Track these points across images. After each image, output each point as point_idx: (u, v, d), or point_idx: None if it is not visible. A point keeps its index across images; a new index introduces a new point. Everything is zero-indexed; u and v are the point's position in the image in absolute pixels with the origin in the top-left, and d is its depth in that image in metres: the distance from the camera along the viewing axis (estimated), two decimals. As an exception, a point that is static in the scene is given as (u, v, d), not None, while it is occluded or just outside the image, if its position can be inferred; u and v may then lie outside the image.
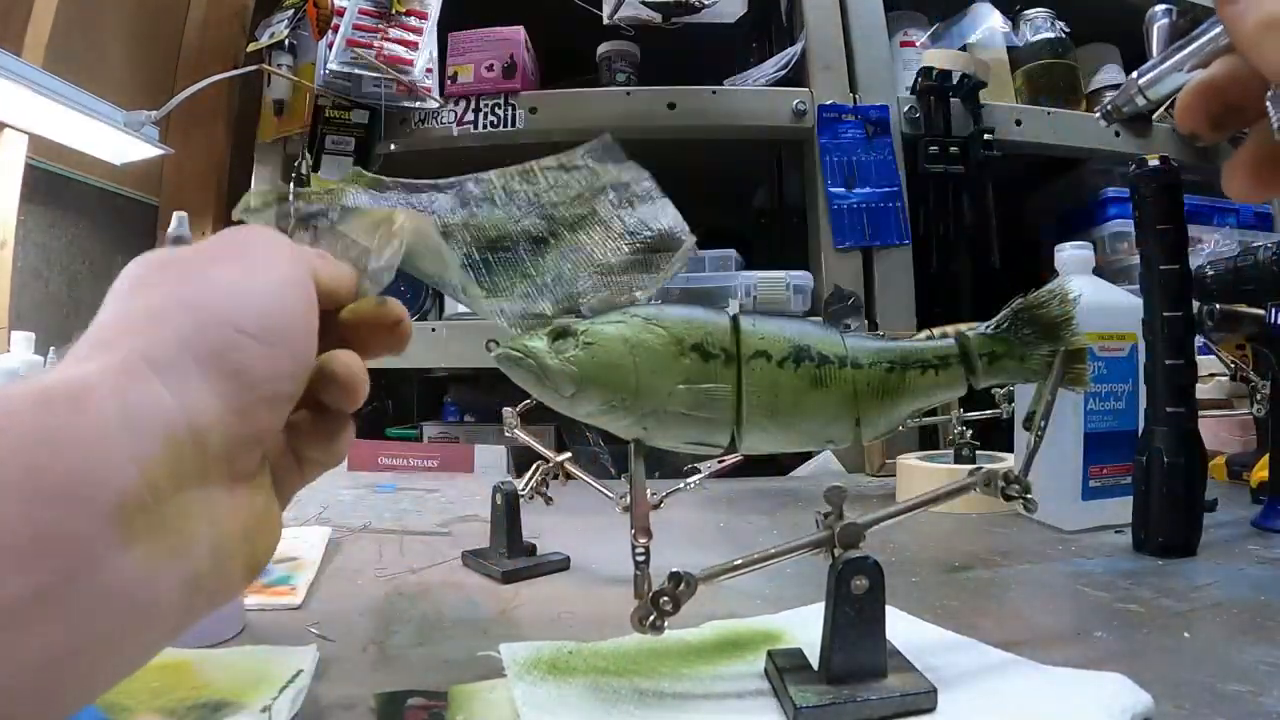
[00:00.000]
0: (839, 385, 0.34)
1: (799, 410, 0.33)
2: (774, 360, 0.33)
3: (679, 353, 0.32)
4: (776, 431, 0.34)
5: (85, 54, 1.04)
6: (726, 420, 0.33)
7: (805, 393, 0.33)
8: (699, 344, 0.32)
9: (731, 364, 0.33)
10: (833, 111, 1.06)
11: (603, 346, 0.32)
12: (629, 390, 0.32)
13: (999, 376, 0.37)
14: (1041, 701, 0.29)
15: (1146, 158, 0.54)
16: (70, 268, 1.07)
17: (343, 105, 1.05)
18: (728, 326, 0.33)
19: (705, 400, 0.32)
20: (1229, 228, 1.18)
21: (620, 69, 1.13)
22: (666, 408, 0.32)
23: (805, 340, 0.34)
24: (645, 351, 0.32)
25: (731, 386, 0.33)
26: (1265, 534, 0.56)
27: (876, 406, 0.34)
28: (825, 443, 0.36)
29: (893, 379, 0.34)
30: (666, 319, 0.33)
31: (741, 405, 0.33)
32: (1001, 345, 0.36)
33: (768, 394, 0.33)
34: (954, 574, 0.49)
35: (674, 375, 0.32)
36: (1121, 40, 1.30)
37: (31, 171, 0.97)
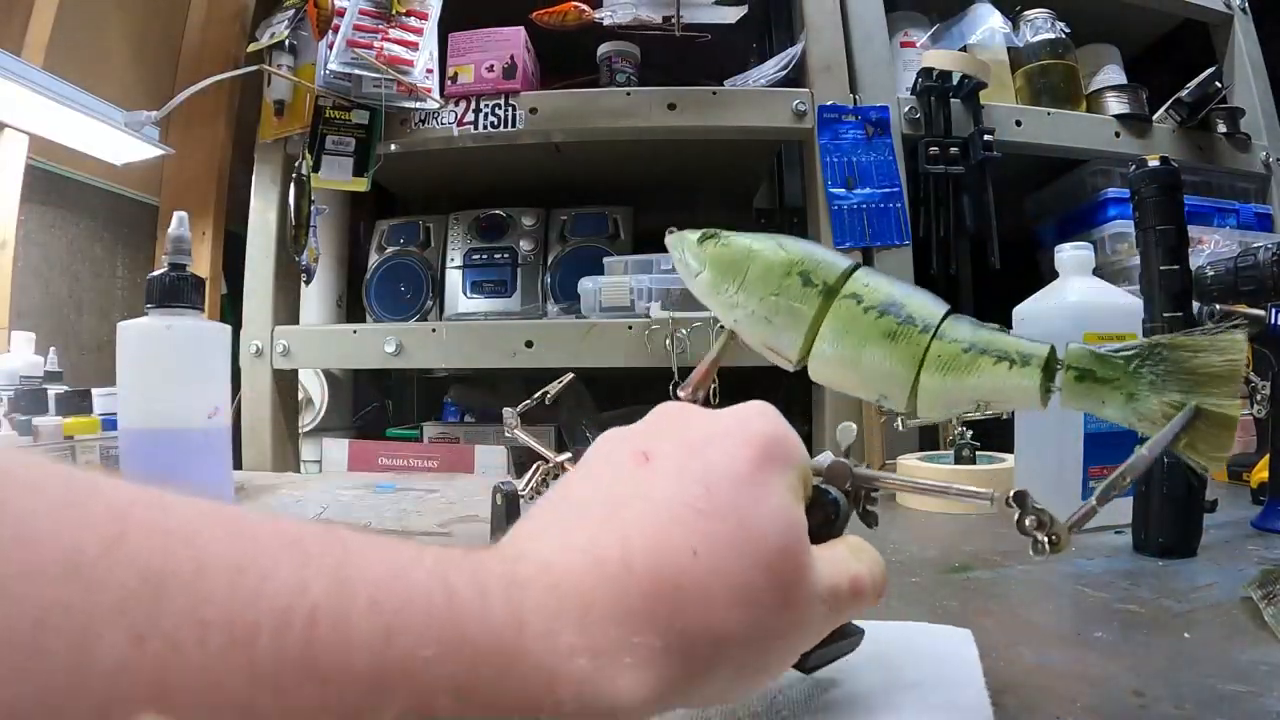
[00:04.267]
0: (909, 345, 0.34)
1: (862, 352, 0.35)
2: (862, 305, 0.35)
3: (786, 272, 0.37)
4: (837, 364, 0.36)
5: (85, 54, 1.04)
6: (798, 336, 0.37)
7: (874, 339, 0.35)
8: (806, 272, 0.37)
9: (826, 297, 0.36)
10: (833, 112, 1.06)
11: (730, 248, 0.39)
12: (735, 285, 0.38)
13: (1085, 402, 0.32)
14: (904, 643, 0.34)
15: (1146, 158, 0.54)
16: (70, 268, 1.07)
17: (343, 105, 1.05)
18: (840, 270, 0.37)
19: (786, 313, 0.37)
20: (1229, 228, 1.18)
21: (620, 69, 1.13)
22: (756, 309, 0.37)
23: (902, 300, 0.35)
24: (760, 261, 0.38)
25: (814, 312, 0.36)
26: (1265, 535, 0.56)
27: (939, 380, 0.34)
28: (879, 396, 0.36)
29: (964, 359, 0.33)
30: (795, 247, 0.38)
31: (817, 330, 0.36)
32: (1105, 368, 0.32)
33: (841, 328, 0.35)
34: (954, 574, 0.49)
35: (772, 286, 0.37)
36: (1121, 40, 1.30)
37: (31, 171, 0.97)
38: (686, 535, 0.21)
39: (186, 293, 0.59)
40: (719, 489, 0.22)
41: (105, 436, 0.75)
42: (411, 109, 1.07)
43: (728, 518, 0.21)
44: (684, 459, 0.23)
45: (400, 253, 1.23)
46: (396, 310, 1.20)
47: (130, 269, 1.17)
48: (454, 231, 1.24)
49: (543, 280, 1.19)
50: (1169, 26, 1.38)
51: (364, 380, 1.46)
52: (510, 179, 1.30)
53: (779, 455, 0.24)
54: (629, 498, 0.22)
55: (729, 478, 0.22)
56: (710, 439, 0.24)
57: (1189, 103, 1.18)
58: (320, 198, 1.08)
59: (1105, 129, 1.17)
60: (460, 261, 1.21)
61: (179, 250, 0.60)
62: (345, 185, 1.07)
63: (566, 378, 0.58)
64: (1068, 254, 0.65)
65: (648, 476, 0.23)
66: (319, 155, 1.05)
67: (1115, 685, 0.31)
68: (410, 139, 1.08)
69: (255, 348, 1.08)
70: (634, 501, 0.22)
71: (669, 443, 0.24)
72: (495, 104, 1.07)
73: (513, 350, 1.01)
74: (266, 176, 1.11)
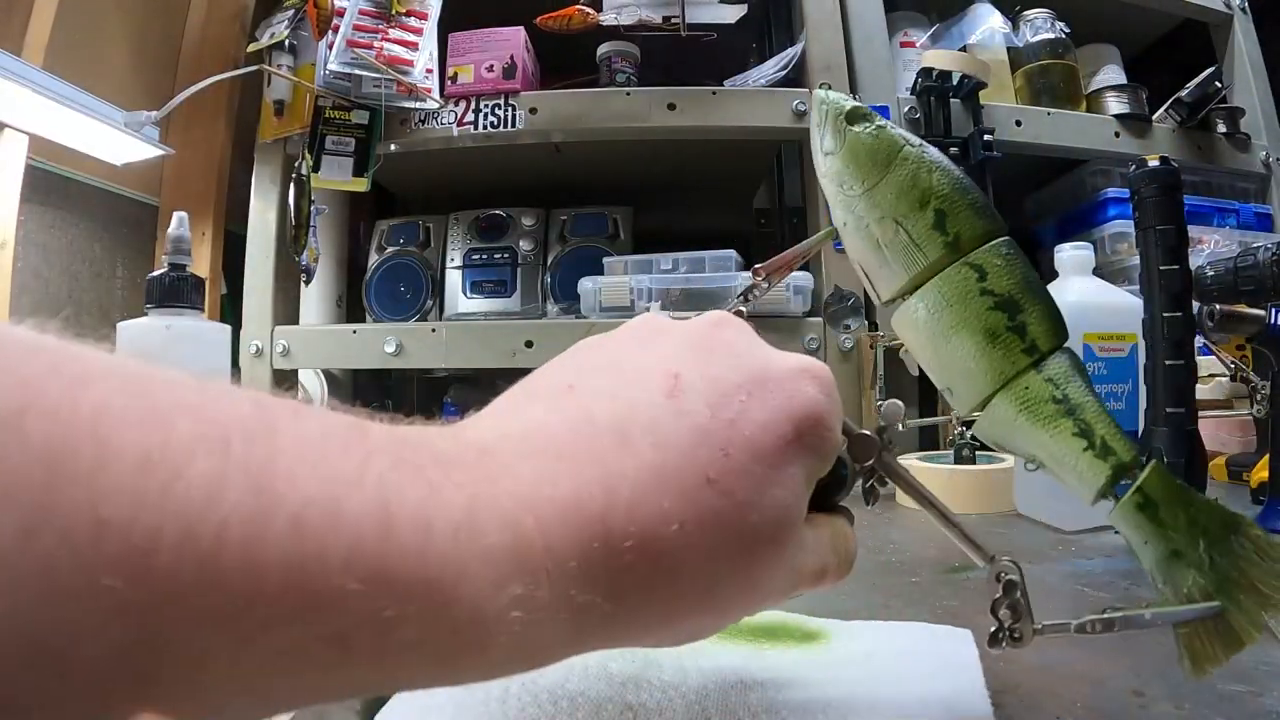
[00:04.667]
0: (1005, 358, 0.30)
1: (951, 335, 0.31)
2: (983, 284, 0.30)
3: (922, 200, 0.31)
4: (922, 331, 0.32)
5: (85, 54, 1.04)
6: (899, 278, 0.32)
7: (973, 329, 0.30)
8: (944, 211, 0.31)
9: (950, 250, 0.31)
10: (833, 112, 1.06)
11: (880, 141, 0.32)
12: (861, 186, 0.32)
13: (1132, 530, 0.28)
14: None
15: (1146, 158, 0.54)
16: (70, 268, 1.07)
17: (343, 105, 1.05)
18: (984, 229, 0.31)
19: (900, 248, 0.31)
20: (1229, 228, 1.18)
21: (620, 69, 1.13)
22: (871, 225, 0.32)
23: (1027, 303, 0.31)
24: (903, 173, 0.31)
25: (930, 261, 0.31)
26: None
27: (1012, 413, 0.30)
28: (945, 386, 0.32)
29: (1047, 410, 0.30)
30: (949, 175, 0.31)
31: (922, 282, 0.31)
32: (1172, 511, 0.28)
33: (946, 297, 0.31)
34: (954, 574, 0.49)
35: (901, 208, 0.31)
36: (1121, 40, 1.30)
37: (31, 171, 0.97)
38: (680, 505, 0.19)
39: (186, 293, 0.59)
40: (736, 461, 0.20)
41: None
42: (411, 109, 1.07)
43: (731, 495, 0.20)
44: (716, 404, 0.21)
45: (400, 253, 1.23)
46: (396, 310, 1.20)
47: (130, 269, 1.17)
48: (454, 231, 1.24)
49: (543, 280, 1.19)
50: (1169, 26, 1.38)
51: (364, 380, 1.46)
52: (510, 179, 1.30)
53: (814, 442, 0.22)
54: (640, 430, 0.20)
55: (752, 450, 0.20)
56: (753, 390, 0.21)
57: (1189, 103, 1.18)
58: (320, 198, 1.08)
59: (1105, 129, 1.17)
60: (460, 261, 1.21)
61: (179, 250, 0.60)
62: (345, 185, 1.07)
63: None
64: (1068, 254, 0.65)
65: (670, 410, 0.20)
66: (319, 155, 1.05)
67: (1115, 685, 0.31)
68: (410, 139, 1.08)
69: (255, 348, 1.08)
70: (643, 439, 0.19)
71: (708, 373, 0.21)
72: (495, 104, 1.07)
73: (513, 350, 1.01)
74: (266, 176, 1.11)
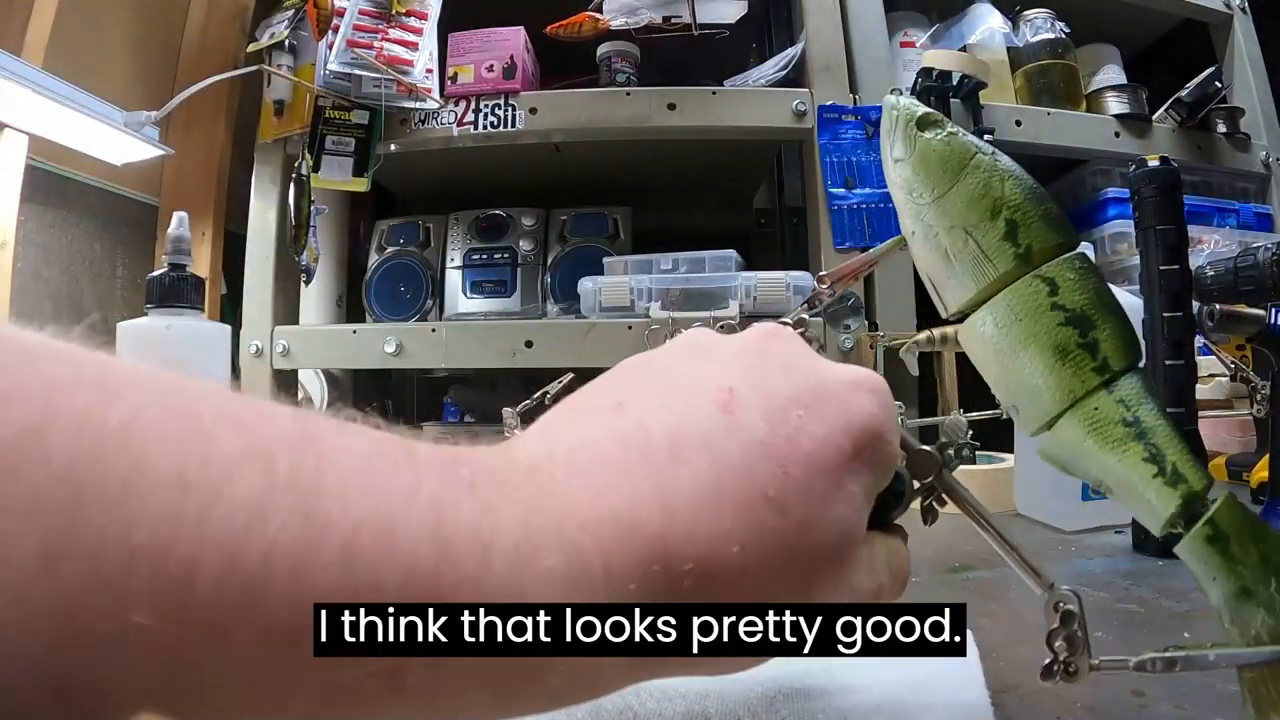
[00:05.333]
0: (1075, 376, 0.29)
1: (1020, 351, 0.29)
2: (1054, 298, 0.29)
3: (994, 210, 0.30)
4: (989, 346, 0.30)
5: (85, 54, 1.04)
6: (968, 290, 0.31)
7: (1042, 345, 0.29)
8: (1016, 222, 0.30)
9: (1021, 262, 0.29)
10: (833, 112, 1.06)
11: (951, 149, 0.31)
12: (931, 194, 0.31)
13: (1199, 563, 0.26)
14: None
15: (1146, 158, 0.54)
16: (70, 268, 1.07)
17: (343, 105, 1.05)
18: (1057, 241, 0.30)
19: (970, 258, 0.30)
20: (1229, 228, 1.18)
21: (620, 69, 1.13)
22: (941, 235, 0.31)
23: (1100, 319, 0.29)
24: (974, 182, 0.30)
25: (1000, 274, 0.30)
26: (1265, 534, 0.56)
27: (1079, 434, 0.29)
28: (1011, 404, 0.31)
29: (1116, 432, 0.28)
30: (1022, 184, 0.30)
31: (991, 295, 0.30)
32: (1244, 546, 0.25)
33: (1015, 311, 0.29)
34: (954, 574, 0.49)
35: (971, 218, 0.30)
36: (1121, 40, 1.30)
37: (31, 171, 0.97)
38: (740, 524, 0.18)
39: (186, 293, 0.60)
40: (795, 477, 0.19)
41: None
42: (411, 109, 1.07)
43: (790, 514, 0.19)
44: (773, 419, 0.20)
45: (400, 253, 1.23)
46: (396, 310, 1.20)
47: (130, 269, 1.17)
48: (454, 231, 1.24)
49: (543, 280, 1.19)
50: (1169, 26, 1.38)
51: (364, 380, 1.46)
52: (510, 179, 1.30)
53: (872, 455, 0.21)
54: (694, 448, 0.19)
55: (812, 466, 0.19)
56: (810, 404, 0.21)
57: (1189, 103, 1.18)
58: (320, 198, 1.08)
59: (1105, 129, 1.17)
60: (460, 261, 1.21)
61: (179, 250, 0.60)
62: (345, 185, 1.07)
63: (566, 378, 0.58)
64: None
65: (725, 425, 0.20)
66: (319, 155, 1.05)
67: (1115, 685, 0.31)
68: (410, 139, 1.08)
69: (255, 348, 1.08)
70: (698, 455, 0.19)
71: (764, 388, 0.21)
72: (495, 104, 1.07)
73: (512, 350, 1.01)
74: (266, 176, 1.11)
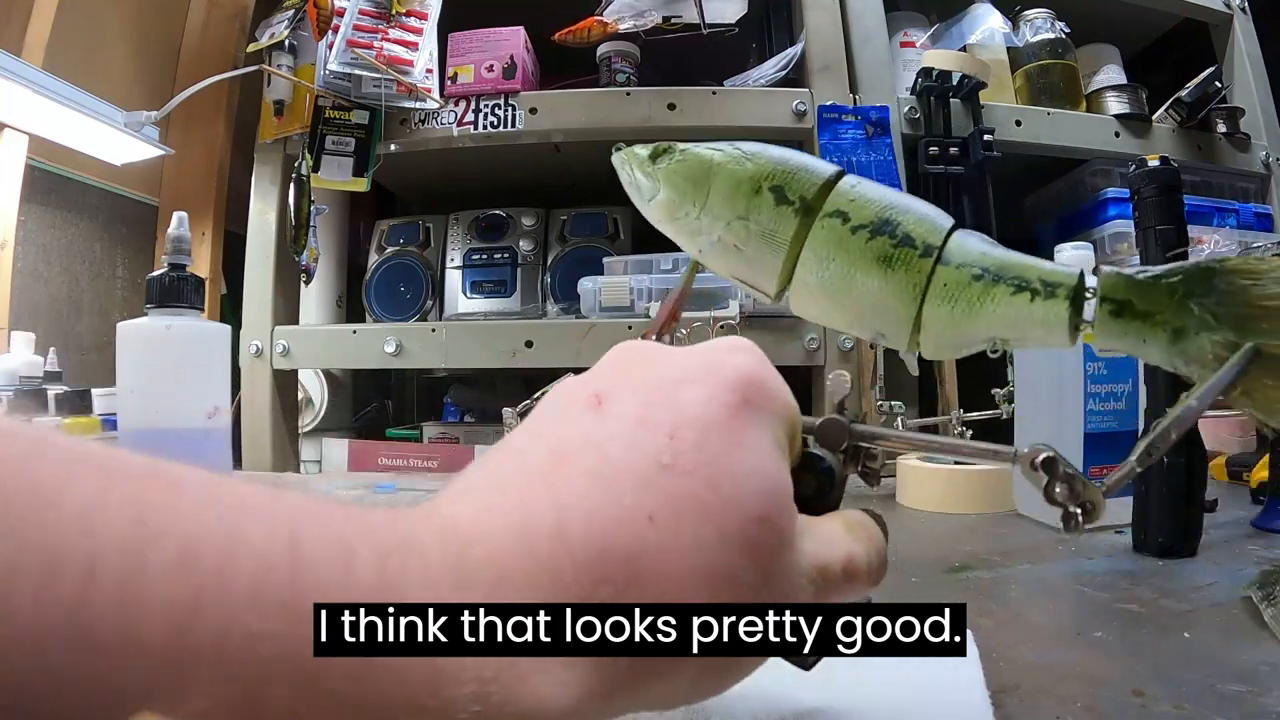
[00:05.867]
0: (908, 274, 0.29)
1: (850, 283, 0.29)
2: (849, 224, 0.30)
3: (754, 189, 0.31)
4: (822, 296, 0.31)
5: (85, 54, 1.04)
6: (774, 264, 0.31)
7: (865, 267, 0.29)
8: (780, 186, 0.31)
9: (805, 215, 0.30)
10: (833, 112, 1.06)
11: (688, 164, 0.33)
12: (696, 207, 0.32)
13: (1122, 340, 0.27)
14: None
15: (1146, 158, 0.54)
16: (70, 268, 1.07)
17: (343, 105, 1.05)
18: (823, 179, 0.31)
19: (759, 239, 0.31)
20: (1229, 228, 1.18)
21: (620, 69, 1.13)
22: (722, 236, 0.32)
23: (898, 215, 0.29)
24: (724, 177, 0.32)
25: (792, 236, 0.30)
26: (1265, 534, 0.56)
27: (946, 313, 0.28)
28: (876, 334, 0.31)
29: (975, 289, 0.28)
30: (764, 156, 0.32)
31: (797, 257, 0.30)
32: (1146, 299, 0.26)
33: (826, 253, 0.30)
34: (954, 574, 0.49)
35: (739, 207, 0.31)
36: (1121, 40, 1.30)
37: (31, 171, 0.97)
38: (642, 495, 0.17)
39: (186, 293, 0.59)
40: (686, 439, 0.18)
41: (105, 436, 0.75)
42: (411, 109, 1.07)
43: (695, 474, 0.17)
44: (646, 401, 0.19)
45: (400, 253, 1.23)
46: (396, 310, 1.20)
47: (130, 269, 1.17)
48: (454, 231, 1.24)
49: (542, 280, 1.19)
50: (1169, 26, 1.39)
51: (364, 380, 1.46)
52: (510, 179, 1.30)
53: (762, 401, 0.20)
54: (576, 448, 0.18)
55: (700, 425, 0.18)
56: (680, 379, 0.20)
57: (1189, 102, 1.18)
58: (320, 198, 1.08)
59: (1105, 129, 1.17)
60: (460, 261, 1.21)
61: (179, 250, 0.60)
62: (345, 185, 1.07)
63: (566, 378, 0.58)
64: (1068, 254, 0.65)
65: (600, 423, 0.19)
66: (319, 155, 1.05)
67: (1115, 685, 0.31)
68: (410, 139, 1.08)
69: (255, 348, 1.08)
70: (581, 453, 0.18)
71: (629, 384, 0.20)
72: (495, 104, 1.07)
73: (512, 350, 1.01)
74: (266, 176, 1.11)
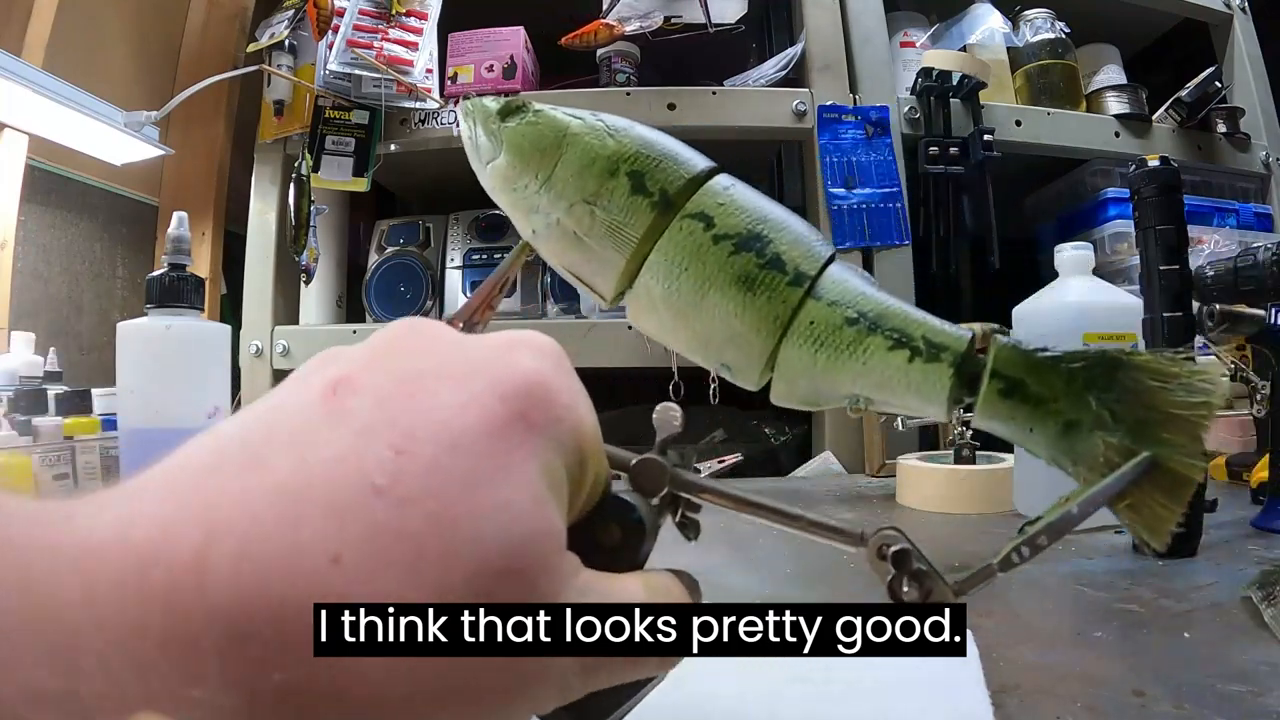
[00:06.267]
0: (771, 302, 0.25)
1: (701, 301, 0.26)
2: (713, 230, 0.26)
3: (611, 169, 0.27)
4: (666, 312, 0.27)
5: (85, 54, 1.04)
6: (615, 266, 0.27)
7: (722, 286, 0.25)
8: (640, 172, 0.26)
9: (663, 211, 0.26)
10: (833, 112, 1.06)
11: (539, 128, 0.28)
12: (538, 180, 0.27)
13: (1007, 423, 0.24)
14: None
15: (1146, 158, 0.54)
16: (70, 268, 1.07)
17: (343, 105, 1.05)
18: (692, 173, 0.27)
19: (604, 229, 0.26)
20: (1229, 228, 1.18)
21: (620, 69, 1.13)
22: (562, 218, 0.27)
23: (771, 231, 0.26)
24: (578, 150, 0.27)
25: (644, 234, 0.26)
26: (1265, 534, 0.56)
27: (807, 358, 0.25)
28: (718, 363, 0.27)
29: (846, 335, 0.24)
30: (630, 134, 0.28)
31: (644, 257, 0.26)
32: (1042, 381, 0.23)
33: (679, 259, 0.26)
34: (954, 574, 0.49)
35: (589, 187, 0.27)
36: (1121, 40, 1.30)
37: (31, 171, 0.97)
38: (331, 525, 0.13)
39: (186, 293, 0.59)
40: (417, 456, 0.14)
41: (105, 436, 0.75)
42: (411, 109, 1.07)
43: (416, 505, 0.13)
44: (385, 398, 0.15)
45: (400, 253, 1.23)
46: (396, 310, 1.19)
47: (130, 269, 1.17)
48: (454, 231, 1.24)
49: (543, 280, 1.19)
50: (1169, 26, 1.39)
51: (364, 380, 1.46)
52: (510, 179, 1.30)
53: (542, 419, 0.16)
54: (280, 447, 0.14)
55: (441, 440, 0.14)
56: (439, 373, 0.15)
57: (1189, 102, 1.18)
58: (320, 198, 1.08)
59: (1105, 129, 1.17)
60: (460, 261, 1.21)
61: (179, 250, 0.60)
62: (345, 185, 1.07)
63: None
64: (1068, 254, 0.64)
65: (324, 418, 0.14)
66: (319, 155, 1.05)
67: (1115, 685, 0.31)
68: (410, 139, 1.08)
69: (255, 348, 1.08)
70: (282, 455, 0.14)
71: (379, 372, 0.16)
72: (495, 104, 1.07)
73: (513, 350, 1.01)
74: (266, 176, 1.11)
